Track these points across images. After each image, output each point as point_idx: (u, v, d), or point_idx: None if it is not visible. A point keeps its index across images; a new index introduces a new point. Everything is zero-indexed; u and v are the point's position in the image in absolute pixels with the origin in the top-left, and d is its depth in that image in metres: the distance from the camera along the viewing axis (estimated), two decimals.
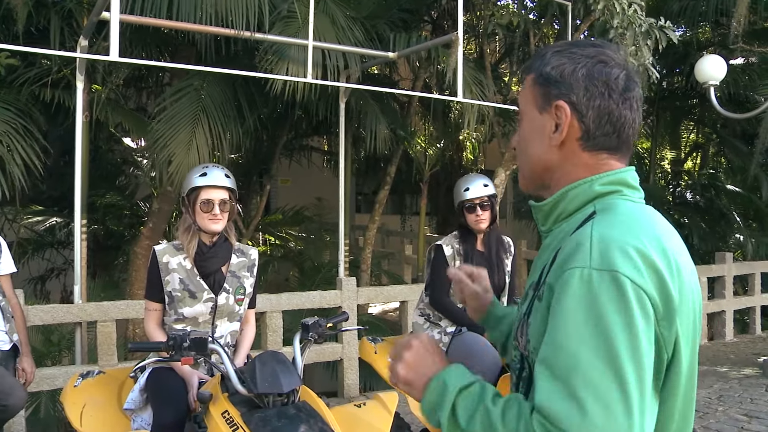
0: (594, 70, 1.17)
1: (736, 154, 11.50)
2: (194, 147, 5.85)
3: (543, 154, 1.23)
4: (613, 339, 0.98)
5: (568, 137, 1.19)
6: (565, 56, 1.20)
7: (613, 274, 1.01)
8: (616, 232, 1.07)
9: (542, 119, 1.22)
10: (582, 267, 1.03)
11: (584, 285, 1.02)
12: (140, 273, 7.08)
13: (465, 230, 3.88)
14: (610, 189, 1.18)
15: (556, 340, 1.03)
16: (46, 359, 6.11)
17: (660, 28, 5.24)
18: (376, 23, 6.68)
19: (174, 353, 2.47)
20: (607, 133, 1.18)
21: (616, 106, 1.17)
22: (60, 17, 5.91)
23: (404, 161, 9.29)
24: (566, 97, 1.18)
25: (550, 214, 1.24)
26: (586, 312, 1.00)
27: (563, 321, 1.02)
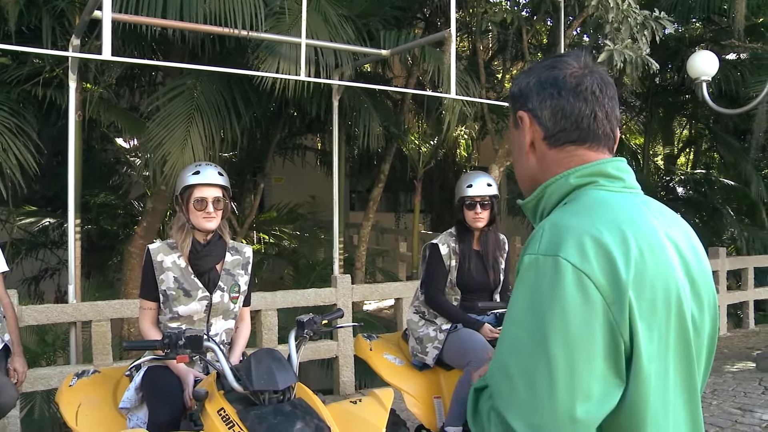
0: (543, 76, 1.26)
1: (729, 150, 11.55)
2: (189, 146, 5.85)
3: (526, 164, 1.31)
4: (545, 321, 1.03)
5: (536, 141, 1.27)
6: (528, 73, 1.30)
7: (555, 258, 1.05)
8: (568, 220, 1.12)
9: (518, 134, 1.31)
10: (531, 254, 1.09)
11: (530, 270, 1.08)
12: (135, 272, 7.08)
13: (462, 227, 3.88)
14: (586, 180, 1.21)
15: (505, 322, 1.11)
16: (40, 359, 6.09)
17: (655, 19, 5.25)
18: (369, 21, 6.69)
19: (169, 351, 2.47)
20: (564, 128, 1.24)
21: (567, 102, 1.23)
22: (52, 16, 5.90)
23: (398, 159, 9.31)
24: (524, 107, 1.28)
25: (534, 211, 1.29)
26: (528, 296, 1.07)
27: (511, 305, 1.10)
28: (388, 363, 3.93)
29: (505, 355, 1.08)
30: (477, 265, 3.84)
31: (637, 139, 14.39)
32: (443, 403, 3.78)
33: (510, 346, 1.07)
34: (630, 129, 14.37)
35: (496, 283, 3.90)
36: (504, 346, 1.08)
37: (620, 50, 5.11)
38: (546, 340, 1.02)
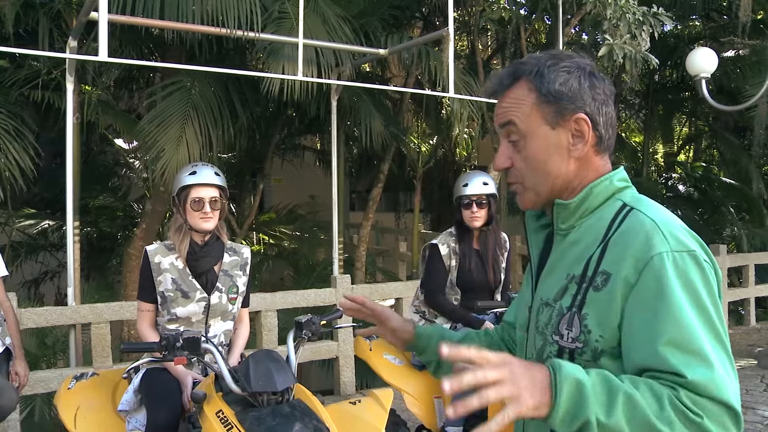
0: (593, 81, 1.28)
1: (729, 147, 11.53)
2: (184, 144, 5.84)
3: (563, 168, 1.29)
4: (709, 310, 1.12)
5: (587, 147, 1.28)
6: (563, 71, 1.27)
7: (692, 253, 1.15)
8: (668, 217, 1.21)
9: (556, 135, 1.28)
10: (665, 251, 1.13)
11: (674, 266, 1.12)
12: (134, 274, 7.07)
13: (461, 227, 3.87)
14: (624, 184, 1.30)
15: (674, 318, 1.10)
16: (40, 362, 6.09)
17: (654, 15, 5.24)
18: (367, 21, 6.67)
19: (167, 353, 2.46)
20: (611, 137, 1.31)
21: (612, 109, 1.30)
22: (48, 18, 5.89)
23: (397, 159, 9.29)
24: (581, 109, 1.26)
25: (575, 211, 1.29)
26: (685, 290, 1.12)
27: (673, 301, 1.11)
28: (388, 363, 3.92)
29: (688, 343, 1.09)
30: (477, 265, 3.83)
31: (637, 137, 14.36)
32: (443, 402, 3.77)
33: (692, 335, 1.09)
34: (630, 127, 14.35)
35: (496, 283, 3.89)
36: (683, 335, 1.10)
37: (620, 45, 5.09)
38: (716, 327, 1.12)
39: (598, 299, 1.19)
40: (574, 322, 1.21)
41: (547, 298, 1.30)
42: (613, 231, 1.22)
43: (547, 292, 1.31)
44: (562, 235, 1.32)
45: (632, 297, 1.15)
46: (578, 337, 1.20)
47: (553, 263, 1.33)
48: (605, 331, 1.18)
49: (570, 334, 1.22)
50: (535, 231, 1.43)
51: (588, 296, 1.20)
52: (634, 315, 1.14)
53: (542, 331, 1.30)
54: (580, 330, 1.20)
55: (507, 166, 1.34)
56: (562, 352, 1.23)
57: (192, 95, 6.09)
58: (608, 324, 1.17)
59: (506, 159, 1.33)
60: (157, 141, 5.74)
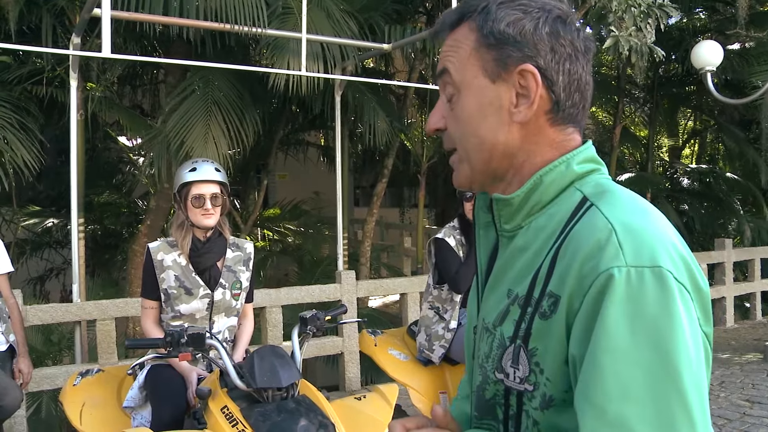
0: (558, 27, 0.96)
1: (735, 141, 11.48)
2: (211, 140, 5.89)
3: (502, 135, 0.97)
4: (669, 351, 0.78)
5: (535, 111, 0.96)
6: (517, 9, 0.96)
7: (657, 270, 0.81)
8: (635, 219, 0.87)
9: (496, 89, 0.96)
10: (617, 266, 0.81)
11: (624, 288, 0.80)
12: (139, 271, 7.04)
13: (464, 221, 3.86)
14: (588, 168, 0.98)
15: (598, 361, 0.79)
16: (46, 359, 6.11)
17: (659, 6, 5.20)
18: (371, 16, 6.65)
19: (172, 349, 2.46)
20: (575, 103, 0.98)
21: (582, 69, 0.98)
22: (52, 15, 5.88)
23: (401, 154, 9.28)
24: (532, 60, 0.94)
25: (521, 207, 0.98)
26: (632, 320, 0.79)
27: (604, 336, 0.80)
28: (393, 358, 3.92)
29: (616, 404, 0.77)
30: None
31: (642, 130, 14.31)
32: (449, 398, 3.77)
33: (622, 391, 0.77)
34: (634, 121, 14.30)
35: None
36: (609, 391, 0.78)
37: (625, 37, 5.06)
38: (677, 375, 0.77)
39: (546, 330, 0.88)
40: (521, 359, 0.91)
41: (488, 322, 1.00)
42: (564, 237, 0.90)
43: (490, 313, 1.01)
44: (508, 237, 1.01)
45: (573, 330, 0.84)
46: (528, 378, 0.90)
47: (497, 275, 1.02)
48: (556, 372, 0.88)
49: (517, 374, 0.92)
50: (486, 227, 1.09)
51: (534, 325, 0.89)
52: (572, 354, 0.85)
53: (482, 364, 1.01)
54: (529, 369, 0.90)
55: (439, 126, 1.04)
56: (509, 394, 0.95)
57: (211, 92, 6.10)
58: (557, 363, 0.87)
59: (439, 118, 1.04)
60: (185, 140, 5.75)
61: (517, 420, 0.94)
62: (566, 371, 0.86)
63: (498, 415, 0.98)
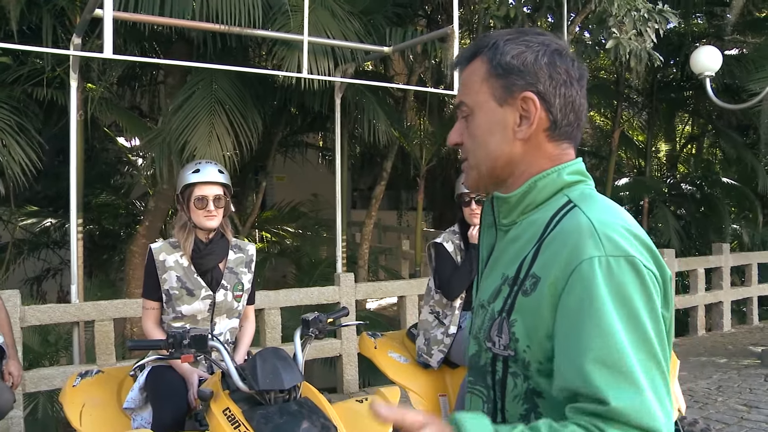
0: (555, 58, 1.16)
1: (732, 146, 11.50)
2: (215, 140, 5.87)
3: (506, 149, 1.19)
4: (644, 323, 1.01)
5: (535, 129, 1.17)
6: (521, 44, 1.17)
7: (630, 258, 1.03)
8: (609, 217, 1.08)
9: (503, 112, 1.18)
10: (598, 255, 1.02)
11: (606, 273, 1.01)
12: (137, 272, 7.06)
13: (464, 224, 3.86)
14: (576, 178, 1.19)
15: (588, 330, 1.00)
16: (43, 359, 6.08)
17: (659, 12, 5.23)
18: (371, 18, 6.65)
19: (174, 351, 2.45)
20: (570, 123, 1.18)
21: (577, 93, 1.18)
22: (52, 16, 5.87)
23: (400, 157, 9.27)
24: (533, 87, 1.15)
25: (516, 206, 1.20)
26: (617, 301, 1.00)
27: (600, 314, 1.00)
28: (393, 361, 3.91)
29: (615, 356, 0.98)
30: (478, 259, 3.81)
31: (640, 135, 14.34)
32: (449, 401, 3.76)
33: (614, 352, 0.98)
34: (632, 125, 14.33)
35: None
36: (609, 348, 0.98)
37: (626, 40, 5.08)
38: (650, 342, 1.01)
39: (526, 305, 1.09)
40: (503, 328, 1.12)
41: (483, 300, 1.21)
42: (549, 230, 1.12)
43: (485, 292, 1.22)
44: (504, 231, 1.24)
45: (560, 308, 1.04)
46: (509, 345, 1.11)
47: (493, 262, 1.25)
48: (532, 341, 1.08)
49: (501, 341, 1.12)
50: (489, 226, 1.31)
51: (517, 301, 1.11)
52: (560, 328, 1.04)
53: (476, 335, 1.21)
54: (509, 337, 1.11)
55: (457, 141, 1.25)
56: (496, 360, 1.14)
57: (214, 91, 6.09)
58: (535, 334, 1.07)
59: (458, 135, 1.26)
60: (188, 140, 5.74)
61: (503, 383, 1.14)
62: (547, 345, 1.06)
63: (487, 381, 1.17)
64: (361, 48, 6.01)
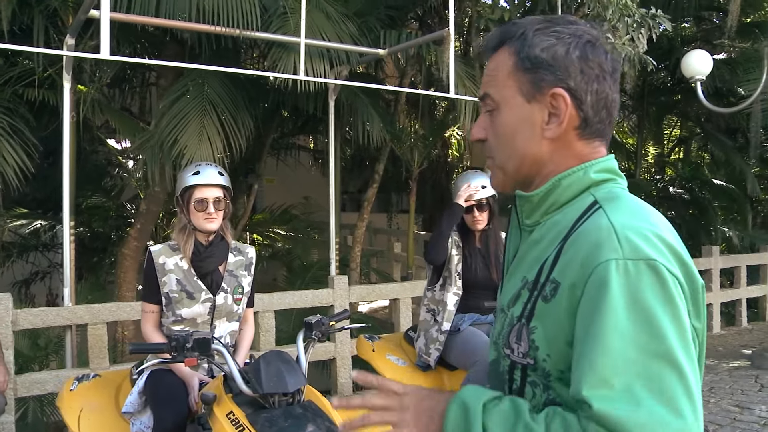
0: (587, 51, 1.07)
1: (721, 148, 11.59)
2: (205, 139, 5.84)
3: (533, 148, 1.11)
4: (665, 332, 0.91)
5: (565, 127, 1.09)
6: (551, 36, 1.08)
7: (650, 262, 0.94)
8: (635, 221, 1.00)
9: (530, 109, 1.09)
10: (615, 258, 0.94)
11: (622, 277, 0.93)
12: (128, 274, 7.01)
13: (463, 229, 3.87)
14: (605, 177, 1.11)
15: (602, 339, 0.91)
16: (32, 363, 6.01)
17: (652, 17, 5.26)
18: (365, 20, 6.65)
19: (177, 354, 2.43)
20: (602, 120, 1.10)
21: (609, 89, 1.09)
22: (44, 16, 5.82)
23: (390, 159, 9.27)
24: (563, 83, 1.07)
25: (539, 205, 1.12)
26: (631, 306, 0.92)
27: (607, 318, 0.92)
28: (392, 364, 3.91)
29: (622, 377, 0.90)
30: (480, 263, 3.83)
31: (629, 138, 14.43)
32: None
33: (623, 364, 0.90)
34: (622, 129, 14.42)
35: (499, 281, 3.88)
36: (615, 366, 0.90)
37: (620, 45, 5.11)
38: (672, 352, 0.90)
39: (546, 311, 1.02)
40: (523, 336, 1.05)
41: (503, 304, 1.15)
42: (572, 233, 1.04)
43: (505, 296, 1.16)
44: (527, 231, 1.16)
45: (578, 314, 0.97)
46: (528, 353, 1.04)
47: (516, 264, 1.17)
48: (552, 349, 1.01)
49: (519, 349, 1.05)
50: (515, 227, 1.23)
51: (537, 307, 1.04)
52: (576, 337, 0.97)
53: (495, 341, 1.15)
54: (528, 345, 1.04)
55: (480, 137, 1.18)
56: (515, 368, 1.08)
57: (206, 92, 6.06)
58: (555, 342, 1.01)
59: (481, 130, 1.18)
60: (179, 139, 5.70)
61: (520, 393, 1.07)
62: (567, 353, 0.98)
63: (505, 389, 1.11)
64: (356, 50, 6.00)
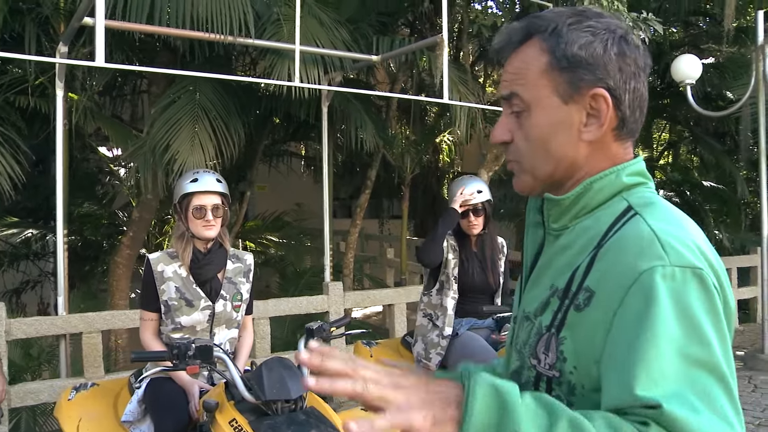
0: (624, 48, 1.02)
1: (710, 152, 11.69)
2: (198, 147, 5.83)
3: (569, 152, 1.04)
4: (712, 342, 0.87)
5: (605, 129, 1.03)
6: (587, 31, 1.01)
7: (696, 271, 0.89)
8: (675, 229, 0.95)
9: (568, 111, 1.03)
10: (661, 265, 0.89)
11: (670, 284, 0.88)
12: (121, 283, 6.97)
13: (459, 233, 3.89)
14: (636, 180, 1.06)
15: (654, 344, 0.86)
16: (25, 373, 5.97)
17: (644, 20, 5.30)
18: (357, 26, 6.67)
19: (178, 362, 2.42)
20: (637, 119, 1.05)
21: (643, 86, 1.04)
22: (36, 24, 5.79)
23: (382, 165, 9.29)
24: (603, 83, 1.01)
25: (569, 209, 1.06)
26: (679, 313, 0.87)
27: (657, 324, 0.87)
28: None
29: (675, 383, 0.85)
30: (477, 268, 3.85)
31: None
32: None
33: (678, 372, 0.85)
34: None
35: (496, 285, 3.91)
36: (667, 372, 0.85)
37: None
38: (717, 363, 0.87)
39: (578, 322, 0.96)
40: (551, 346, 0.99)
41: (529, 311, 1.08)
42: (607, 239, 0.98)
43: (530, 303, 1.09)
44: (554, 236, 1.09)
45: (614, 325, 0.90)
46: (555, 365, 0.98)
47: (541, 269, 1.11)
48: (580, 362, 0.96)
49: (547, 360, 1.00)
50: (535, 226, 1.16)
51: (569, 316, 0.97)
52: (613, 345, 0.90)
53: (520, 350, 1.09)
54: (556, 356, 0.98)
55: (505, 140, 1.09)
56: (540, 380, 1.02)
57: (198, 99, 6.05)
58: (584, 355, 0.95)
59: (505, 132, 1.09)
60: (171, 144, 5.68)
61: None
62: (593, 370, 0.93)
63: None
64: (350, 57, 6.01)
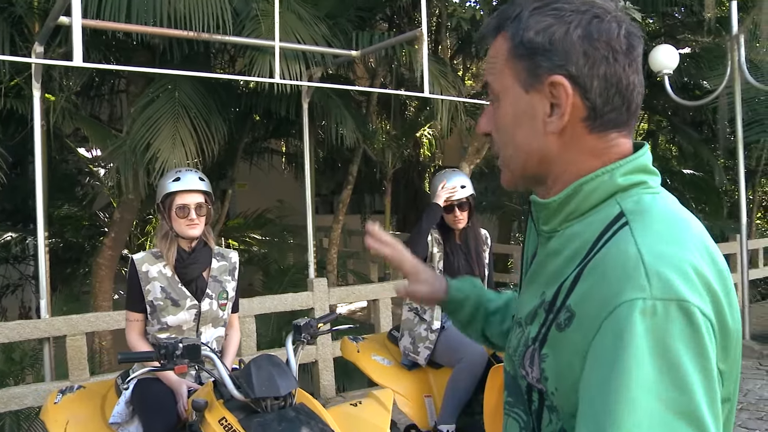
0: (591, 29, 0.92)
1: (688, 141, 11.83)
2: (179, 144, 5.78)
3: (536, 143, 0.97)
4: (693, 387, 0.76)
5: (570, 120, 0.94)
6: (548, 15, 0.93)
7: (682, 304, 0.78)
8: (667, 248, 0.84)
9: (530, 100, 0.96)
10: (641, 298, 0.79)
11: (649, 320, 0.78)
12: (104, 284, 6.92)
13: (443, 227, 3.89)
14: (634, 180, 0.95)
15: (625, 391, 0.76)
16: (8, 378, 5.90)
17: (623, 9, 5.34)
18: (336, 21, 6.65)
19: (166, 362, 2.41)
20: (616, 107, 0.94)
21: (623, 70, 0.93)
22: (9, 24, 5.71)
23: (363, 160, 9.30)
24: (562, 69, 0.92)
25: (557, 212, 0.98)
26: (657, 354, 0.77)
27: (630, 367, 0.77)
28: (377, 364, 3.92)
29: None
30: (462, 260, 3.86)
31: None
32: (434, 401, 3.78)
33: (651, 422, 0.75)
34: None
35: (481, 277, 3.92)
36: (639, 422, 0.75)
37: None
38: (698, 410, 0.76)
39: (559, 341, 0.88)
40: (535, 361, 0.93)
41: (520, 317, 1.02)
42: (594, 253, 0.88)
43: (523, 307, 1.03)
44: (545, 238, 1.01)
45: (589, 357, 0.82)
46: (540, 380, 0.92)
47: (534, 272, 1.03)
48: (560, 384, 0.88)
49: (532, 374, 0.94)
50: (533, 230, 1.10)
51: (550, 334, 0.90)
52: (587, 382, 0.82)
53: (511, 356, 1.03)
54: (539, 373, 0.92)
55: (485, 130, 1.05)
56: (532, 390, 0.96)
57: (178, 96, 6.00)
58: (564, 377, 0.87)
59: (487, 122, 1.05)
60: (151, 143, 5.63)
61: (539, 416, 0.95)
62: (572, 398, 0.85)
63: (526, 407, 0.99)
64: (329, 52, 6.00)
